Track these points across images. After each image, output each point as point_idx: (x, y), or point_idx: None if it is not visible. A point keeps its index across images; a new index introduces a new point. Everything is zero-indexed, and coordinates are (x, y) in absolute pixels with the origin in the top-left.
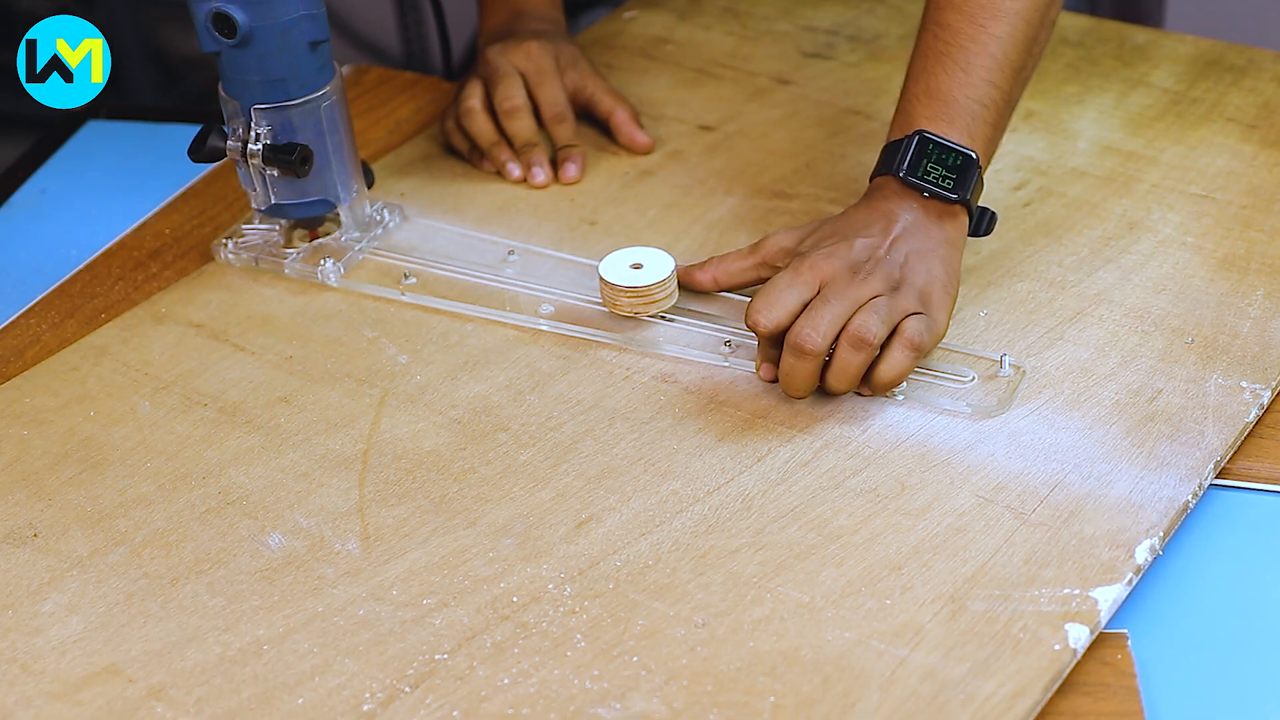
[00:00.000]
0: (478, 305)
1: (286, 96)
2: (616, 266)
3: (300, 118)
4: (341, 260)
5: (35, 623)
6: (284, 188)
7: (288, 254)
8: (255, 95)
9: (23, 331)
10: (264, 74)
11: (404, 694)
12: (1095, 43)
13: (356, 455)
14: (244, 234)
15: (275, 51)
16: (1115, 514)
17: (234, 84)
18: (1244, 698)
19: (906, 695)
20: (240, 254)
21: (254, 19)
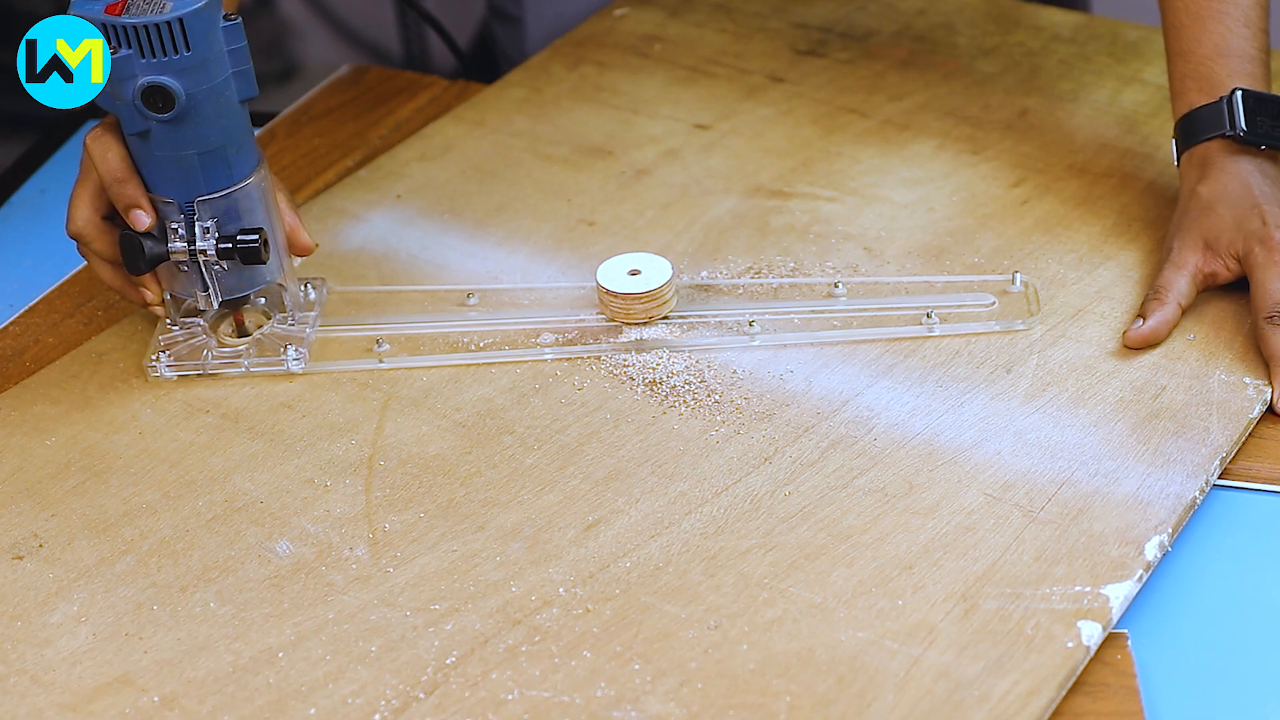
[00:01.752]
0: (477, 353)
1: (227, 167)
2: (615, 275)
3: (244, 198)
4: (303, 345)
5: (44, 634)
6: (231, 278)
7: (231, 353)
8: (195, 180)
9: (22, 332)
10: (200, 144)
11: (418, 700)
12: (1088, 39)
13: (362, 460)
14: (168, 343)
15: (212, 116)
16: (1123, 511)
17: (165, 172)
18: (1244, 698)
19: (921, 694)
20: (181, 365)
21: (190, 85)
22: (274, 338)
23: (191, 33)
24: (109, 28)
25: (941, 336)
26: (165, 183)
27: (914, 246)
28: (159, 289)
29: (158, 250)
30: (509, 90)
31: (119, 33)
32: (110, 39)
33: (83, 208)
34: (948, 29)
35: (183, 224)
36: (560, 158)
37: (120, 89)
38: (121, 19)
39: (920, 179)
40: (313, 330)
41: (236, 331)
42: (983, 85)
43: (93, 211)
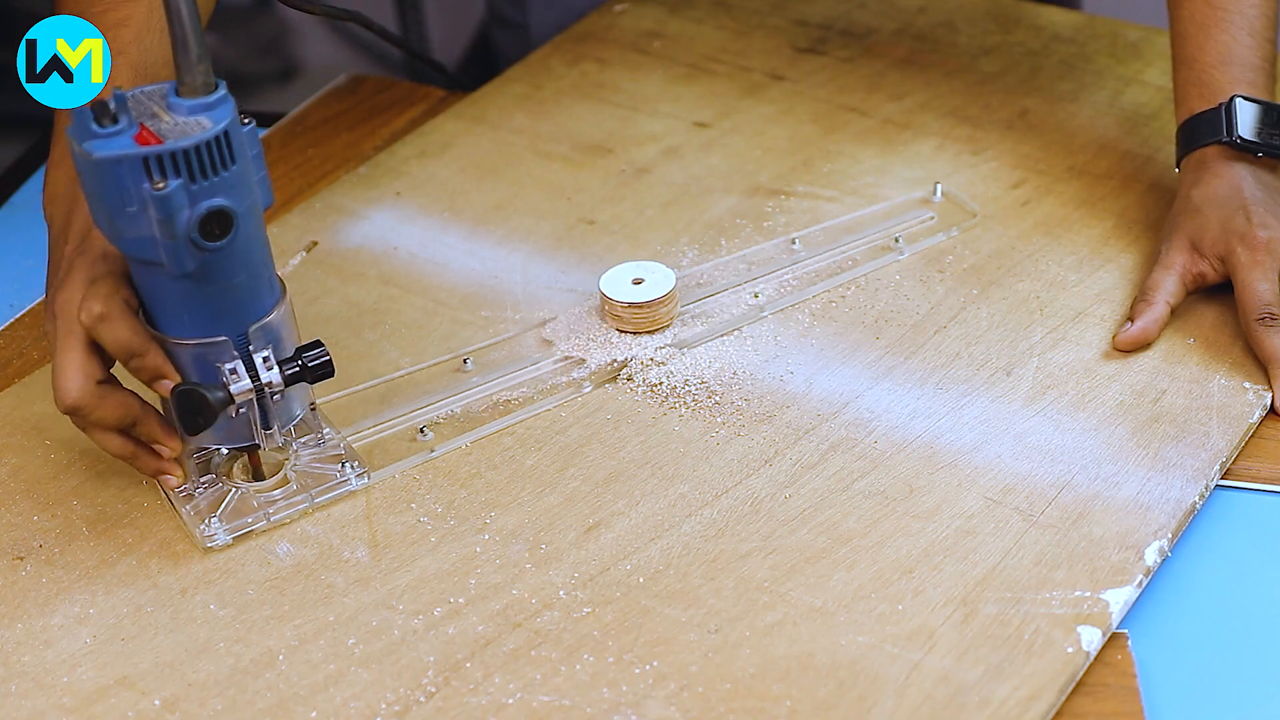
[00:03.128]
0: (516, 411)
1: (270, 285)
2: (618, 284)
3: (286, 314)
4: (354, 459)
5: (45, 635)
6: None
7: (284, 494)
8: (245, 307)
9: (7, 344)
10: (248, 266)
11: (418, 704)
12: (1088, 39)
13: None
14: (207, 506)
15: (254, 232)
16: (1123, 515)
17: (215, 307)
18: (1244, 698)
19: (922, 699)
20: (239, 525)
21: (236, 202)
22: (320, 462)
23: (234, 144)
24: (153, 160)
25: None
26: (214, 321)
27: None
28: (180, 446)
29: (221, 398)
30: (509, 87)
31: (167, 162)
32: (154, 173)
33: (74, 375)
34: (948, 28)
35: (236, 362)
36: (560, 155)
37: (170, 226)
38: (166, 146)
39: (920, 179)
40: (345, 441)
41: (253, 473)
42: (983, 85)
43: (86, 378)
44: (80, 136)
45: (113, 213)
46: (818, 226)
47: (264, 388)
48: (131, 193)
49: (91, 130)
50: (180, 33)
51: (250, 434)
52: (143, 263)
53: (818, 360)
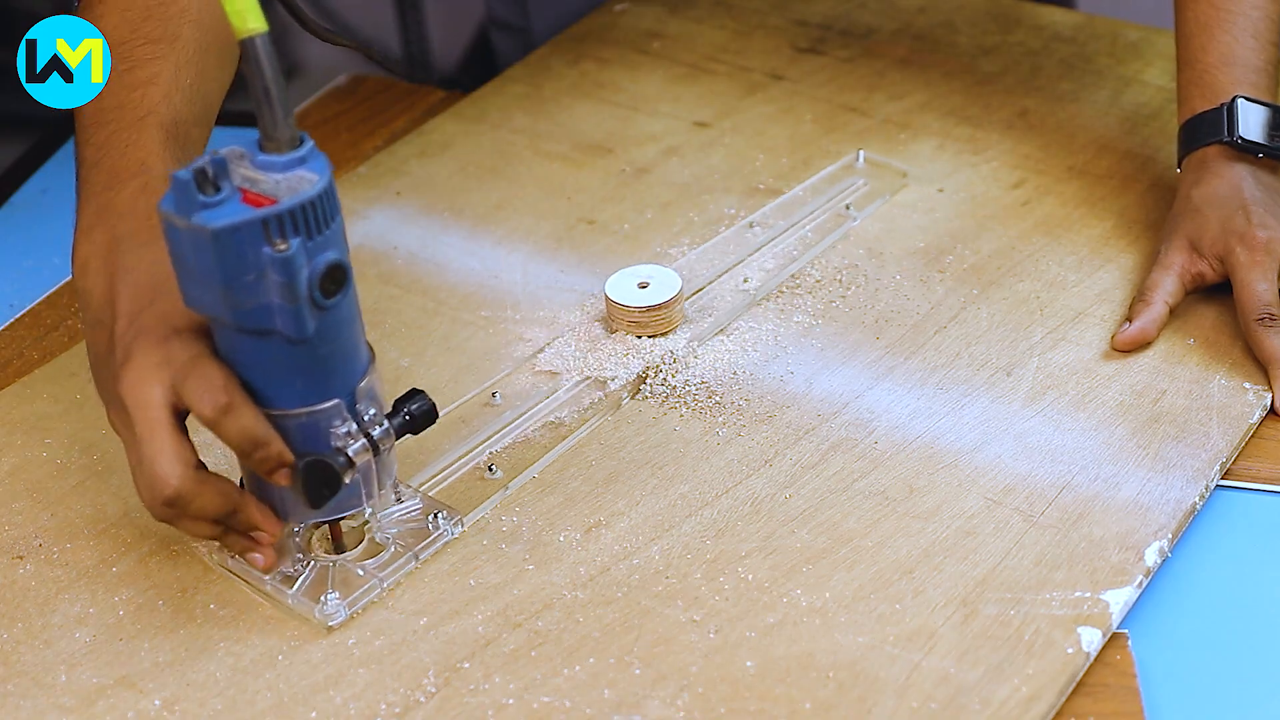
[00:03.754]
0: (577, 429)
1: (364, 338)
2: (624, 288)
3: (376, 370)
4: (444, 509)
5: (45, 635)
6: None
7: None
8: (353, 364)
9: (7, 344)
10: (353, 319)
11: (419, 704)
12: (1088, 39)
13: None
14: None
15: (352, 284)
16: (1123, 516)
17: (328, 368)
18: (1244, 698)
19: (922, 700)
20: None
21: (344, 255)
22: (406, 518)
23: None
24: (273, 222)
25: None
26: (325, 384)
27: (914, 248)
28: (280, 529)
29: (342, 464)
30: (509, 86)
31: (286, 222)
32: (274, 235)
33: (173, 462)
34: (948, 28)
35: (349, 424)
36: (560, 155)
37: (293, 289)
38: (284, 205)
39: (920, 179)
40: (422, 492)
41: (334, 544)
42: (983, 85)
43: (185, 465)
44: (185, 210)
45: (229, 284)
46: (767, 207)
47: (378, 445)
48: (250, 260)
49: (198, 201)
50: (265, 87)
51: (358, 499)
52: (256, 334)
53: (818, 360)
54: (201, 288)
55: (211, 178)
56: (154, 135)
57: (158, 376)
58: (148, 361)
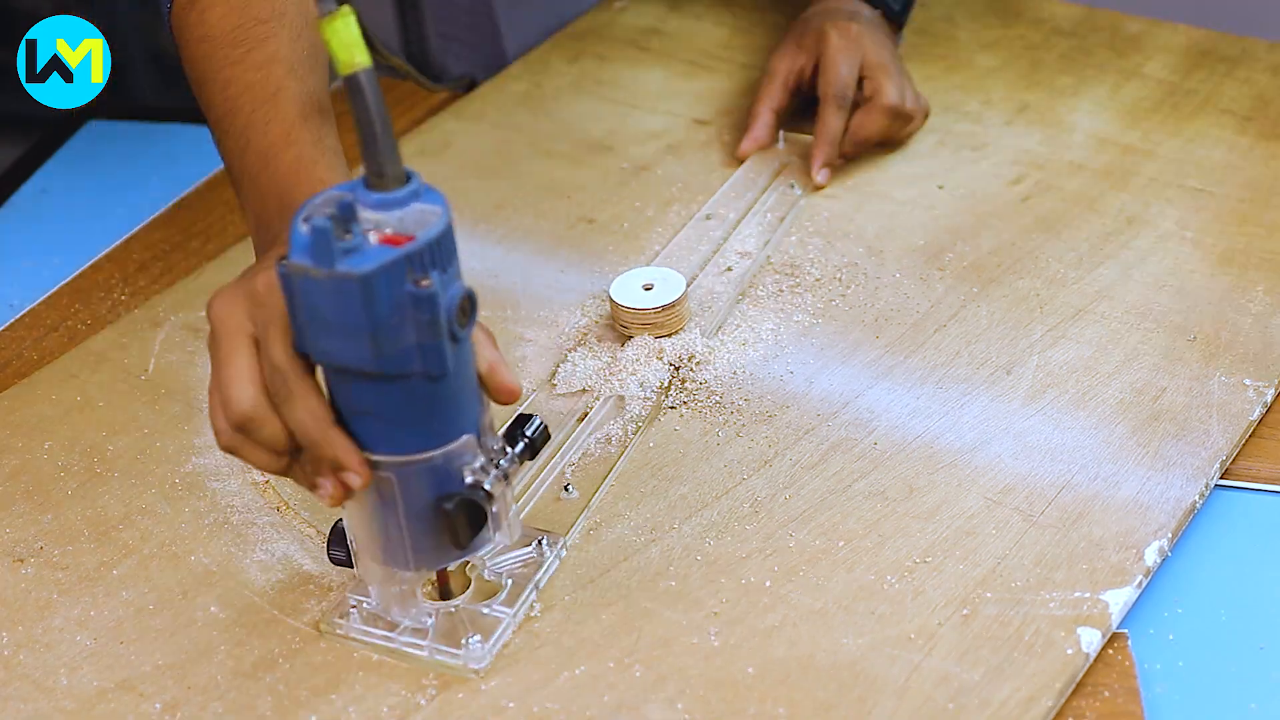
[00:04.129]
0: (640, 433)
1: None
2: (629, 291)
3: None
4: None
5: (46, 638)
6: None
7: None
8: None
9: (7, 344)
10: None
11: (419, 707)
12: (1088, 32)
13: None
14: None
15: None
16: (1123, 515)
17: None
18: (1244, 698)
19: (922, 701)
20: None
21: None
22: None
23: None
24: (415, 259)
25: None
26: (457, 420)
27: (914, 245)
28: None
29: (483, 499)
30: (509, 84)
31: (426, 257)
32: (416, 272)
33: (247, 385)
34: (948, 22)
35: (479, 459)
36: (560, 153)
37: (435, 325)
38: (421, 240)
39: (920, 175)
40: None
41: (441, 592)
42: (983, 79)
43: (257, 388)
44: (325, 260)
45: (376, 330)
46: (710, 202)
47: (509, 476)
48: (395, 301)
49: (337, 249)
50: (375, 122)
51: (487, 536)
52: (396, 379)
53: (818, 360)
54: (341, 339)
55: (343, 223)
56: (290, 109)
57: (244, 303)
58: (238, 291)
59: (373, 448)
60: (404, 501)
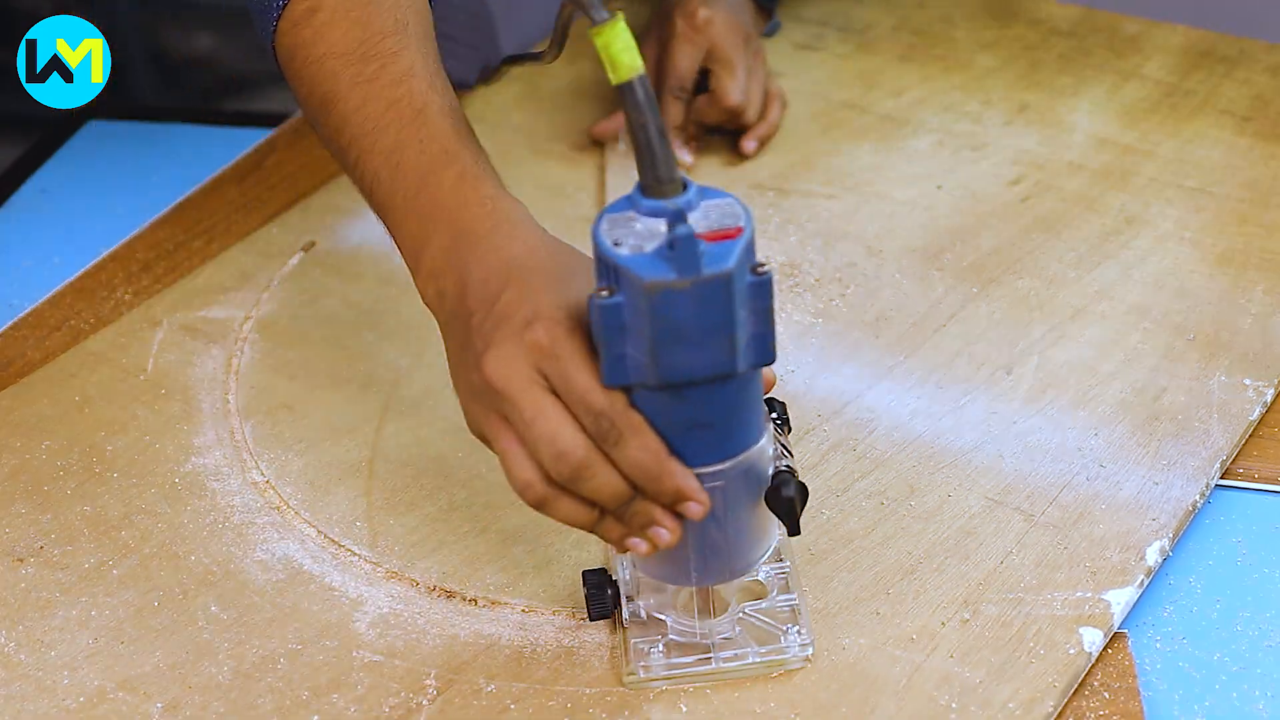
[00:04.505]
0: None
1: None
2: None
3: None
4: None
5: (46, 638)
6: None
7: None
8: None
9: (7, 344)
10: None
11: (421, 707)
12: (1087, 33)
13: (362, 462)
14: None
15: None
16: (1124, 515)
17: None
18: (1244, 698)
19: (924, 702)
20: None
21: None
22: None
23: None
24: (750, 248)
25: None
26: (761, 409)
27: (913, 245)
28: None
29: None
30: (507, 86)
31: (753, 246)
32: (751, 259)
33: (575, 432)
34: (946, 22)
35: (774, 443)
36: (558, 154)
37: (769, 311)
38: (747, 231)
39: (919, 175)
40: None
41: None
42: (981, 80)
43: (586, 437)
44: (688, 268)
45: (735, 329)
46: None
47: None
48: (741, 294)
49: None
50: (655, 127)
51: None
52: (738, 376)
53: (818, 360)
54: (699, 348)
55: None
56: (442, 123)
57: (526, 358)
58: (513, 347)
59: (704, 462)
60: (729, 507)
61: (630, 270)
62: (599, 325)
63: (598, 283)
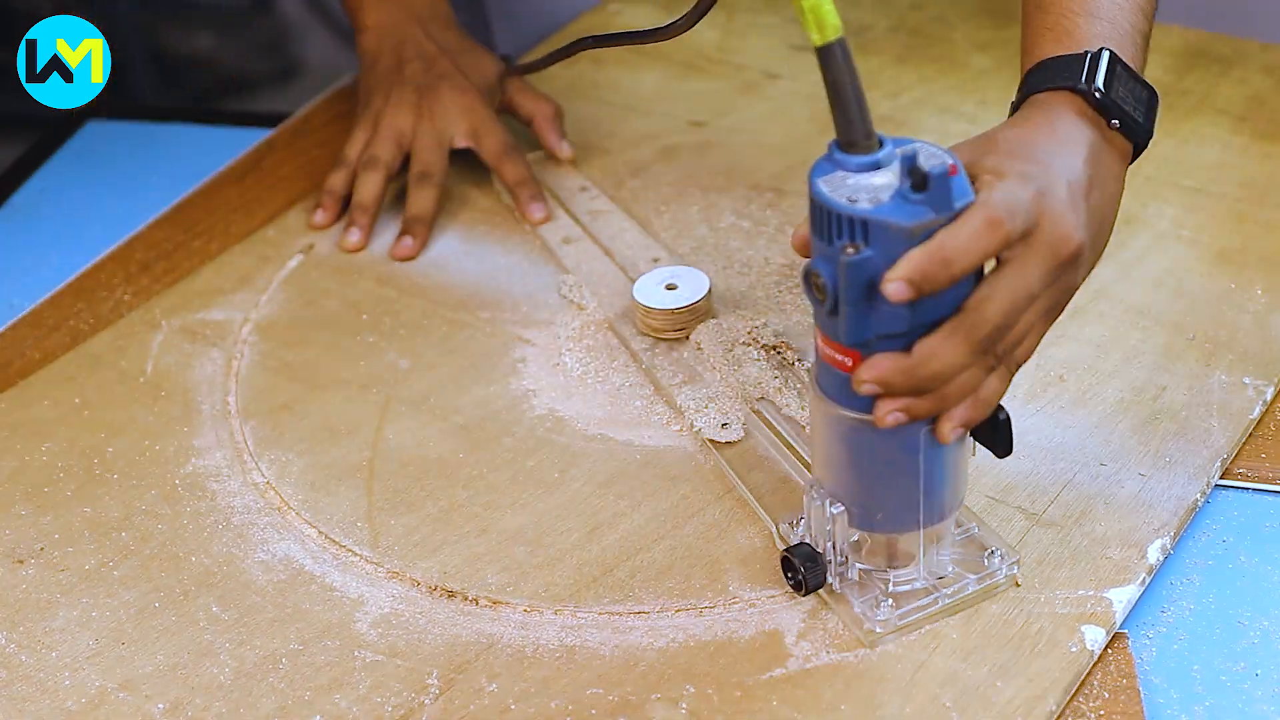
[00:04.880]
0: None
1: None
2: (654, 292)
3: None
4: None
5: (47, 639)
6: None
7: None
8: None
9: (8, 345)
10: None
11: (422, 707)
12: None
13: (362, 463)
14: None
15: None
16: (1126, 513)
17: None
18: (1244, 698)
19: (928, 700)
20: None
21: None
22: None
23: None
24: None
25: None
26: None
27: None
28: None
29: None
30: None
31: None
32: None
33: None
34: (943, 23)
35: None
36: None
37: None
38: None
39: None
40: None
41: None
42: (978, 80)
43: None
44: (947, 206)
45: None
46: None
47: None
48: None
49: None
50: (848, 90)
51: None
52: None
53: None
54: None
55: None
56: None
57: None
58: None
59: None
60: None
61: (885, 219)
62: (848, 283)
63: (835, 243)
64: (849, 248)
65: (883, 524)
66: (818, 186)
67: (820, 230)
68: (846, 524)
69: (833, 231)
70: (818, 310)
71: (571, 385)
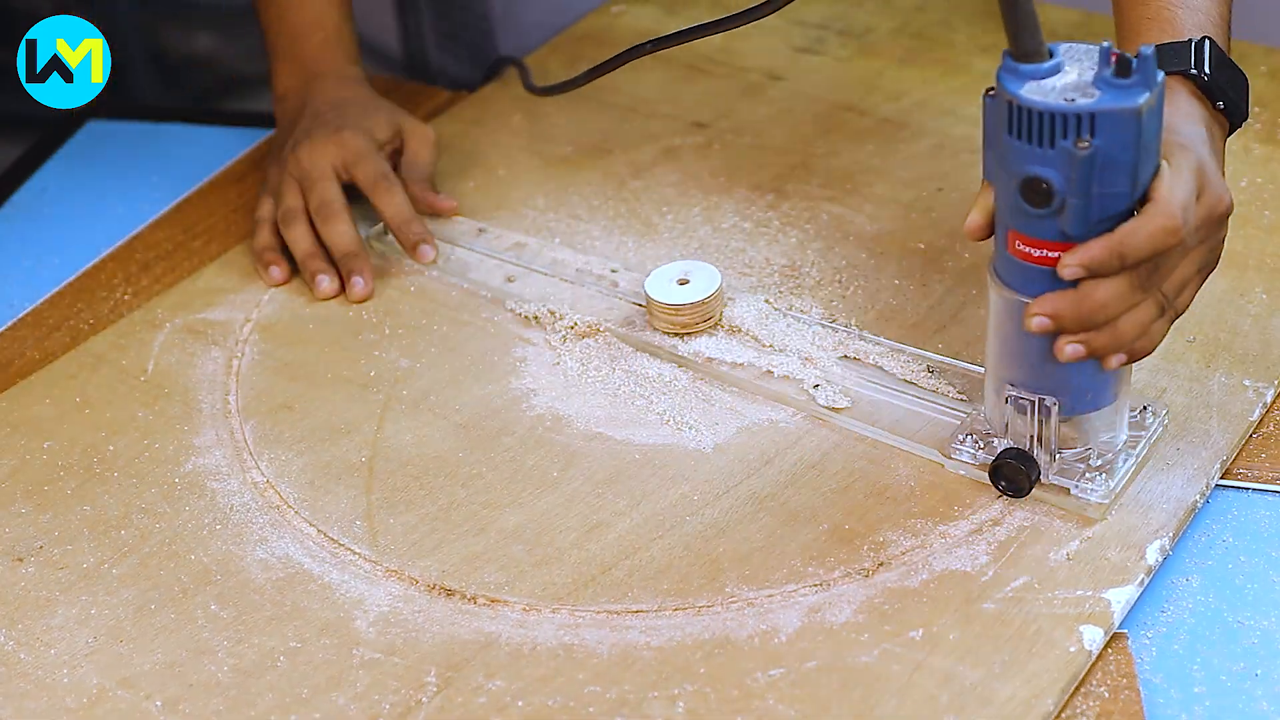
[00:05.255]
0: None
1: None
2: (666, 287)
3: None
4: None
5: (46, 637)
6: None
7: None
8: None
9: (8, 345)
10: None
11: (420, 705)
12: (1086, 37)
13: (361, 462)
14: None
15: None
16: (1125, 514)
17: None
18: (1244, 698)
19: (925, 700)
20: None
21: None
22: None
23: None
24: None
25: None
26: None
27: (914, 248)
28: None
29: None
30: (508, 88)
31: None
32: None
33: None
34: (945, 26)
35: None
36: (559, 156)
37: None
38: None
39: (920, 178)
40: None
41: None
42: (981, 83)
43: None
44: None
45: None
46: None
47: None
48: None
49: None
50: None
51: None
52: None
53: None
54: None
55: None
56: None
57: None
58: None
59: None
60: None
61: (1110, 106)
62: (1082, 175)
63: (1060, 143)
64: (1081, 143)
65: (1091, 402)
66: (1028, 97)
67: (1038, 136)
68: (1058, 414)
69: (1056, 133)
70: (1028, 217)
71: (571, 385)
